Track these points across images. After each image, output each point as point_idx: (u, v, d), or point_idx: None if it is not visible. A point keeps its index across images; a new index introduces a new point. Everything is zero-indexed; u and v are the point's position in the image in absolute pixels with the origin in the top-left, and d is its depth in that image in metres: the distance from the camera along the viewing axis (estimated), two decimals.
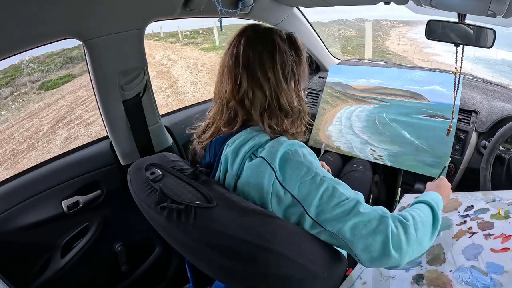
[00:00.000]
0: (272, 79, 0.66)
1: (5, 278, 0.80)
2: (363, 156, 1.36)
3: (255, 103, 0.67)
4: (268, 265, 0.58)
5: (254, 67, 0.66)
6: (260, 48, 0.66)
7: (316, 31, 1.64)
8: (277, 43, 0.67)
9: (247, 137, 0.66)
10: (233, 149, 0.66)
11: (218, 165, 0.70)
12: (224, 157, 0.68)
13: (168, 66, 7.73)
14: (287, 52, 0.68)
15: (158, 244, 1.27)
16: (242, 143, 0.66)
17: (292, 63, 0.68)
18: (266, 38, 0.68)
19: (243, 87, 0.67)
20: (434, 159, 1.23)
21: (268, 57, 0.66)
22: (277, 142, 0.64)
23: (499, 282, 0.62)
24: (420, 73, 1.38)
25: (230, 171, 0.67)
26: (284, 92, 0.67)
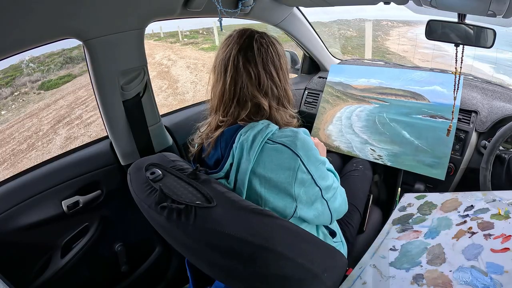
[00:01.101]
0: (281, 77, 0.76)
1: (5, 278, 0.80)
2: (363, 155, 1.36)
3: (271, 95, 0.75)
4: (268, 265, 0.58)
5: (269, 68, 0.74)
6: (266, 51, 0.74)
7: (316, 31, 1.64)
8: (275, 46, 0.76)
9: (259, 126, 0.71)
10: (248, 137, 0.69)
11: (229, 154, 0.72)
12: (240, 145, 0.70)
13: (168, 66, 7.73)
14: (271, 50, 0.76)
15: (158, 244, 1.27)
16: (257, 131, 0.69)
17: (286, 63, 0.79)
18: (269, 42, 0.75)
19: (263, 80, 0.73)
20: (433, 160, 1.23)
21: (276, 58, 0.75)
22: (292, 131, 0.72)
23: (499, 282, 0.62)
24: (420, 73, 1.38)
25: (246, 157, 0.69)
26: (288, 86, 0.79)
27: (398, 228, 0.87)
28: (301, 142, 0.69)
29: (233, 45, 0.73)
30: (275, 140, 0.69)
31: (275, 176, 0.69)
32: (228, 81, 0.73)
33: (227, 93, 0.73)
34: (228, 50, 0.73)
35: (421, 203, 0.95)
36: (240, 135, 0.70)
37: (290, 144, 0.68)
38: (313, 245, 0.66)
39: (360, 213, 1.06)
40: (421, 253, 0.74)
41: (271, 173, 0.69)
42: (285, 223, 0.63)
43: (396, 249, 0.78)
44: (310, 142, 0.72)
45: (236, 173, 0.71)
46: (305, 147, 0.69)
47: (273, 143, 0.69)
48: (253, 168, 0.69)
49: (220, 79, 0.74)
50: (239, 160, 0.70)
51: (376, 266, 0.75)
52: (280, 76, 0.76)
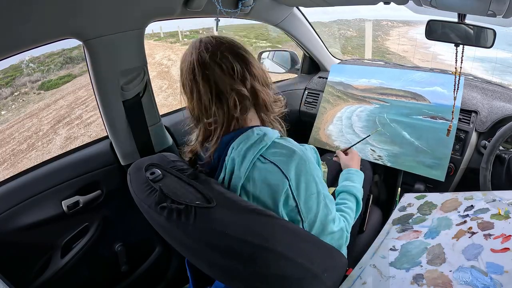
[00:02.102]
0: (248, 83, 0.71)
1: (5, 278, 0.80)
2: (363, 156, 1.36)
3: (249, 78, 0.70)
4: (268, 265, 0.58)
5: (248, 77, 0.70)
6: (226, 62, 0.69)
7: (316, 31, 1.64)
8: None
9: (252, 139, 0.67)
10: (239, 152, 0.67)
11: (222, 167, 0.70)
12: (231, 160, 0.68)
13: (168, 66, 7.73)
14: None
15: (158, 244, 1.27)
16: (249, 146, 0.66)
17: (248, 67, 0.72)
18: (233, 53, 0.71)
19: (237, 69, 0.69)
20: (434, 160, 1.23)
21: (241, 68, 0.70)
22: (290, 150, 0.66)
23: (499, 282, 0.62)
24: (421, 74, 1.38)
25: (237, 172, 0.67)
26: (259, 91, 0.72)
27: (398, 228, 0.87)
28: (296, 164, 0.65)
29: (192, 51, 0.71)
30: (268, 158, 0.66)
31: (262, 196, 0.66)
32: (201, 84, 0.68)
33: (203, 96, 0.69)
34: (189, 59, 0.71)
35: (421, 203, 0.95)
36: (232, 149, 0.68)
37: (282, 165, 0.65)
38: (313, 245, 0.66)
39: (360, 213, 1.06)
40: (421, 253, 0.74)
41: (259, 193, 0.66)
42: (285, 223, 0.63)
43: (396, 249, 0.78)
44: (309, 165, 0.67)
45: (228, 187, 0.70)
46: (300, 170, 0.65)
47: (265, 160, 0.66)
48: (243, 185, 0.67)
49: (193, 88, 0.70)
50: (231, 175, 0.69)
51: (376, 266, 0.75)
52: (251, 58, 0.72)
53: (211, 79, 0.68)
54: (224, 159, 0.69)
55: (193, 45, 0.72)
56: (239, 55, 0.70)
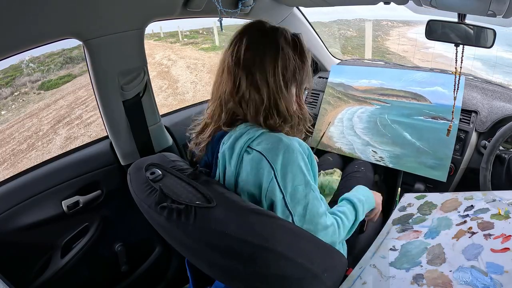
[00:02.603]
0: (271, 83, 0.65)
1: (5, 278, 0.80)
2: (365, 157, 1.36)
3: (251, 105, 0.66)
4: (268, 265, 0.58)
5: (254, 69, 0.65)
6: (262, 50, 0.65)
7: (316, 31, 1.63)
8: (280, 46, 0.65)
9: (241, 131, 0.66)
10: (229, 145, 0.66)
11: (217, 163, 0.71)
12: (222, 155, 0.68)
13: (168, 66, 7.73)
14: (291, 56, 0.66)
15: (158, 244, 1.27)
16: (237, 138, 0.66)
17: (294, 68, 0.67)
18: (270, 40, 0.66)
19: (241, 88, 0.66)
20: (435, 161, 1.23)
21: (270, 60, 0.65)
22: (276, 139, 0.64)
23: (499, 282, 0.62)
24: (422, 74, 1.38)
25: (228, 168, 0.67)
26: (283, 97, 0.67)
27: (398, 228, 0.87)
28: (282, 153, 0.62)
29: (238, 41, 0.68)
30: (254, 148, 0.64)
31: (251, 188, 0.66)
32: (241, 75, 0.67)
33: (242, 88, 0.67)
34: (235, 49, 0.67)
35: (421, 203, 0.95)
36: (222, 144, 0.69)
37: (268, 153, 0.62)
38: (313, 245, 0.66)
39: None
40: (421, 253, 0.74)
41: (247, 184, 0.66)
42: (285, 223, 0.63)
43: (396, 249, 0.78)
44: (296, 155, 0.63)
45: (223, 180, 0.71)
46: (286, 160, 0.62)
47: (251, 150, 0.64)
48: (236, 179, 0.67)
49: (230, 78, 0.69)
50: (224, 170, 0.69)
51: (376, 266, 0.75)
52: (289, 89, 0.67)
53: (254, 80, 0.65)
54: (217, 156, 0.70)
55: (245, 34, 0.66)
56: (283, 80, 0.66)
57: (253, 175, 0.64)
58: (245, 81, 0.65)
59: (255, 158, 0.63)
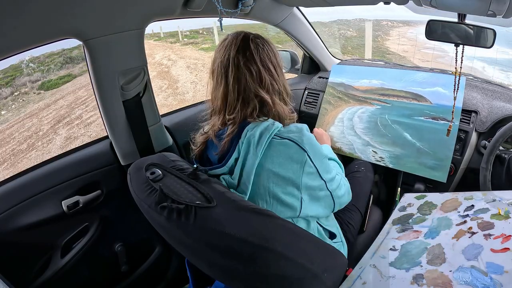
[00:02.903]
0: (279, 72, 0.80)
1: (5, 278, 0.80)
2: (365, 157, 1.36)
3: (274, 91, 0.78)
4: (268, 265, 0.58)
5: (268, 64, 0.77)
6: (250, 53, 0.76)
7: (316, 31, 1.64)
8: (258, 45, 0.77)
9: (266, 124, 0.73)
10: (255, 133, 0.71)
11: (235, 149, 0.73)
12: (247, 140, 0.71)
13: (168, 66, 7.73)
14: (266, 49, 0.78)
15: (158, 244, 1.27)
16: (264, 128, 0.72)
17: (274, 56, 0.79)
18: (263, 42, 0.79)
19: (264, 78, 0.75)
20: (435, 162, 1.23)
21: (273, 56, 0.79)
22: (297, 128, 0.75)
23: (499, 282, 0.62)
24: (422, 75, 1.38)
25: (253, 151, 0.70)
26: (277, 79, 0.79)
27: (398, 228, 0.87)
28: (306, 138, 0.73)
29: (230, 46, 0.75)
30: (282, 136, 0.72)
31: (282, 170, 0.71)
32: (231, 82, 0.74)
33: (231, 94, 0.75)
34: (226, 52, 0.75)
35: (421, 203, 0.95)
36: (247, 131, 0.72)
37: (297, 139, 0.71)
38: (313, 245, 0.66)
39: (361, 213, 1.06)
40: (421, 253, 0.74)
41: (279, 167, 0.71)
42: (285, 223, 0.63)
43: (396, 249, 0.78)
44: (313, 138, 0.75)
45: (241, 168, 0.71)
46: (310, 142, 0.73)
47: (280, 138, 0.72)
48: (260, 163, 0.70)
49: (221, 81, 0.76)
50: (246, 155, 0.71)
51: (376, 266, 0.75)
52: (278, 72, 0.79)
53: (241, 81, 0.74)
54: (238, 142, 0.72)
55: (234, 39, 0.77)
56: (268, 67, 0.76)
57: (287, 159, 0.71)
58: (265, 73, 0.76)
59: (287, 144, 0.71)
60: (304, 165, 0.71)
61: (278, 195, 0.71)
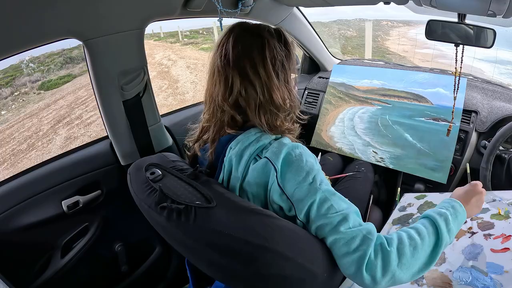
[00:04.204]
0: (263, 74, 0.65)
1: (5, 278, 0.80)
2: (365, 158, 1.36)
3: (249, 101, 0.66)
4: (268, 265, 0.58)
5: (244, 64, 0.65)
6: (249, 44, 0.66)
7: (316, 31, 1.64)
8: (265, 38, 0.66)
9: (250, 139, 0.66)
10: (237, 152, 0.66)
11: (222, 167, 0.70)
12: (228, 160, 0.68)
13: (168, 66, 7.73)
14: (277, 46, 0.67)
15: (158, 244, 1.27)
16: (246, 146, 0.66)
17: (282, 57, 0.68)
18: (254, 34, 0.67)
19: (235, 86, 0.66)
20: (435, 163, 1.23)
21: (258, 53, 0.65)
22: (280, 143, 0.65)
23: (499, 282, 0.62)
24: (423, 75, 1.38)
25: (235, 173, 0.67)
26: (276, 87, 0.67)
27: (398, 228, 0.87)
28: (284, 153, 0.62)
29: (224, 41, 0.69)
30: (261, 156, 0.65)
31: (255, 192, 0.66)
32: (230, 73, 0.67)
33: (235, 87, 0.67)
34: (222, 49, 0.68)
35: (421, 203, 0.95)
36: (230, 149, 0.68)
37: (271, 155, 0.63)
38: (313, 245, 0.66)
39: (361, 213, 1.06)
40: None
41: (252, 190, 0.66)
42: (285, 223, 0.63)
43: None
44: (300, 152, 0.63)
45: (227, 187, 0.70)
46: (288, 158, 0.62)
47: (259, 158, 0.65)
48: (241, 185, 0.67)
49: (221, 77, 0.69)
50: (229, 175, 0.69)
51: None
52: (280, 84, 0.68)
53: (246, 75, 0.65)
54: (223, 160, 0.70)
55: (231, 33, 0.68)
56: (274, 70, 0.66)
57: (257, 178, 0.64)
58: (238, 78, 0.66)
59: (263, 163, 0.64)
60: (271, 187, 0.63)
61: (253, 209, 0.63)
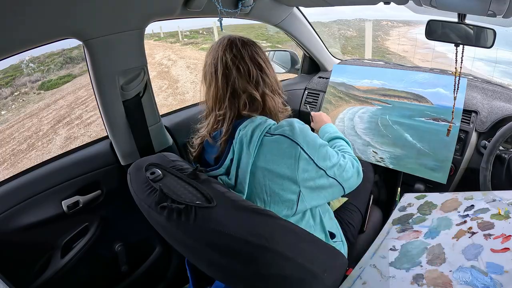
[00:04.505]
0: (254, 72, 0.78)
1: (5, 278, 0.80)
2: (365, 158, 1.36)
3: (262, 84, 0.78)
4: (268, 265, 0.58)
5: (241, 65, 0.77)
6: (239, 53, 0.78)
7: (316, 31, 1.64)
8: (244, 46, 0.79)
9: (257, 121, 0.74)
10: (246, 132, 0.71)
11: (229, 149, 0.73)
12: (239, 140, 0.72)
13: (168, 66, 7.73)
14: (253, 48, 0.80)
15: (158, 244, 1.27)
16: (256, 125, 0.72)
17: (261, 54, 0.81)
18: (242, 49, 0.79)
19: (254, 75, 0.77)
20: (435, 163, 1.23)
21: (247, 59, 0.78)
22: (288, 122, 0.74)
23: (499, 282, 0.62)
24: (424, 75, 1.38)
25: (246, 151, 0.71)
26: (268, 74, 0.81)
27: (398, 228, 0.87)
28: (298, 130, 0.72)
29: (218, 47, 0.78)
30: (273, 133, 0.72)
31: (277, 167, 0.70)
32: (219, 79, 0.76)
33: (219, 90, 0.77)
34: (214, 54, 0.78)
35: (421, 203, 0.95)
36: (239, 131, 0.72)
37: (289, 133, 0.71)
38: (313, 245, 0.66)
39: (361, 213, 1.07)
40: (421, 253, 0.74)
41: (272, 164, 0.70)
42: (285, 223, 0.63)
43: (396, 249, 0.78)
44: (305, 129, 0.74)
45: (237, 168, 0.72)
46: (303, 134, 0.72)
47: (272, 135, 0.71)
48: (254, 162, 0.70)
49: (212, 81, 0.78)
50: (239, 155, 0.71)
51: (376, 266, 0.75)
52: (268, 66, 0.80)
53: (230, 78, 0.76)
54: (232, 142, 0.73)
55: (221, 42, 0.79)
56: (257, 62, 0.77)
57: (279, 155, 0.70)
58: (254, 68, 0.77)
59: (278, 140, 0.71)
60: (299, 158, 0.70)
61: (275, 191, 0.71)
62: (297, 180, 0.71)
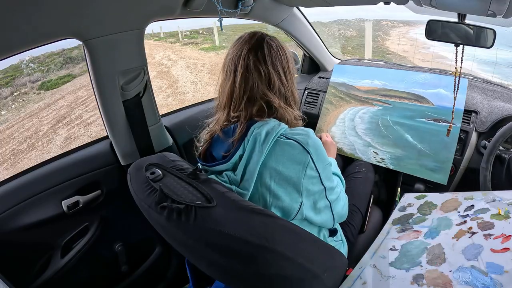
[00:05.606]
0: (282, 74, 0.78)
1: (5, 278, 0.80)
2: (366, 158, 1.36)
3: (279, 94, 0.77)
4: (268, 265, 0.58)
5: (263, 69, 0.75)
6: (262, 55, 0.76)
7: (316, 31, 1.64)
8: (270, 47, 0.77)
9: (271, 123, 0.73)
10: (261, 131, 0.71)
11: (240, 145, 0.73)
12: (253, 137, 0.71)
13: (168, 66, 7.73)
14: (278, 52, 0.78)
15: (158, 244, 1.27)
16: (270, 128, 0.72)
17: (286, 61, 0.80)
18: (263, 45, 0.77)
19: (275, 83, 0.76)
20: (436, 164, 1.23)
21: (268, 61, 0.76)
22: (304, 130, 0.75)
23: (499, 282, 0.62)
24: (424, 76, 1.37)
25: (259, 149, 0.70)
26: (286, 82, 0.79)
27: (398, 228, 0.87)
28: (312, 141, 0.72)
29: (244, 45, 0.76)
30: (288, 136, 0.72)
31: (286, 170, 0.70)
32: (238, 79, 0.74)
33: (237, 91, 0.75)
34: (238, 50, 0.76)
35: (421, 203, 0.95)
36: (253, 129, 0.72)
37: (302, 140, 0.71)
38: (313, 245, 0.66)
39: (361, 213, 1.07)
40: (421, 253, 0.74)
41: (282, 166, 0.70)
42: (285, 223, 0.63)
43: (396, 249, 0.78)
44: (319, 143, 0.75)
45: (245, 165, 0.71)
46: (316, 145, 0.73)
47: (286, 138, 0.72)
48: (264, 161, 0.70)
49: (229, 77, 0.76)
50: (251, 153, 0.71)
51: (376, 266, 0.75)
52: (288, 77, 0.78)
53: (249, 81, 0.74)
54: (244, 139, 0.72)
55: (248, 38, 0.77)
56: (280, 71, 0.76)
57: (290, 159, 0.71)
58: (275, 76, 0.76)
59: (291, 144, 0.71)
60: (306, 167, 0.71)
61: (278, 194, 0.71)
62: (300, 188, 0.71)
